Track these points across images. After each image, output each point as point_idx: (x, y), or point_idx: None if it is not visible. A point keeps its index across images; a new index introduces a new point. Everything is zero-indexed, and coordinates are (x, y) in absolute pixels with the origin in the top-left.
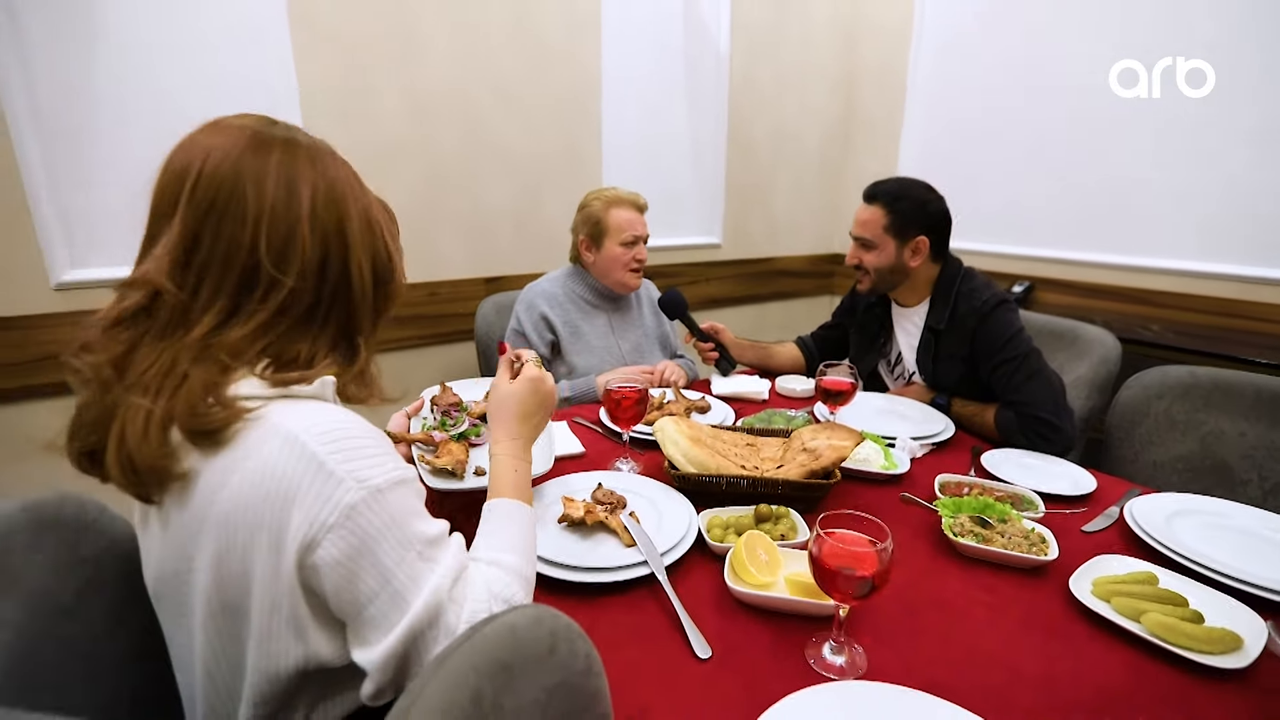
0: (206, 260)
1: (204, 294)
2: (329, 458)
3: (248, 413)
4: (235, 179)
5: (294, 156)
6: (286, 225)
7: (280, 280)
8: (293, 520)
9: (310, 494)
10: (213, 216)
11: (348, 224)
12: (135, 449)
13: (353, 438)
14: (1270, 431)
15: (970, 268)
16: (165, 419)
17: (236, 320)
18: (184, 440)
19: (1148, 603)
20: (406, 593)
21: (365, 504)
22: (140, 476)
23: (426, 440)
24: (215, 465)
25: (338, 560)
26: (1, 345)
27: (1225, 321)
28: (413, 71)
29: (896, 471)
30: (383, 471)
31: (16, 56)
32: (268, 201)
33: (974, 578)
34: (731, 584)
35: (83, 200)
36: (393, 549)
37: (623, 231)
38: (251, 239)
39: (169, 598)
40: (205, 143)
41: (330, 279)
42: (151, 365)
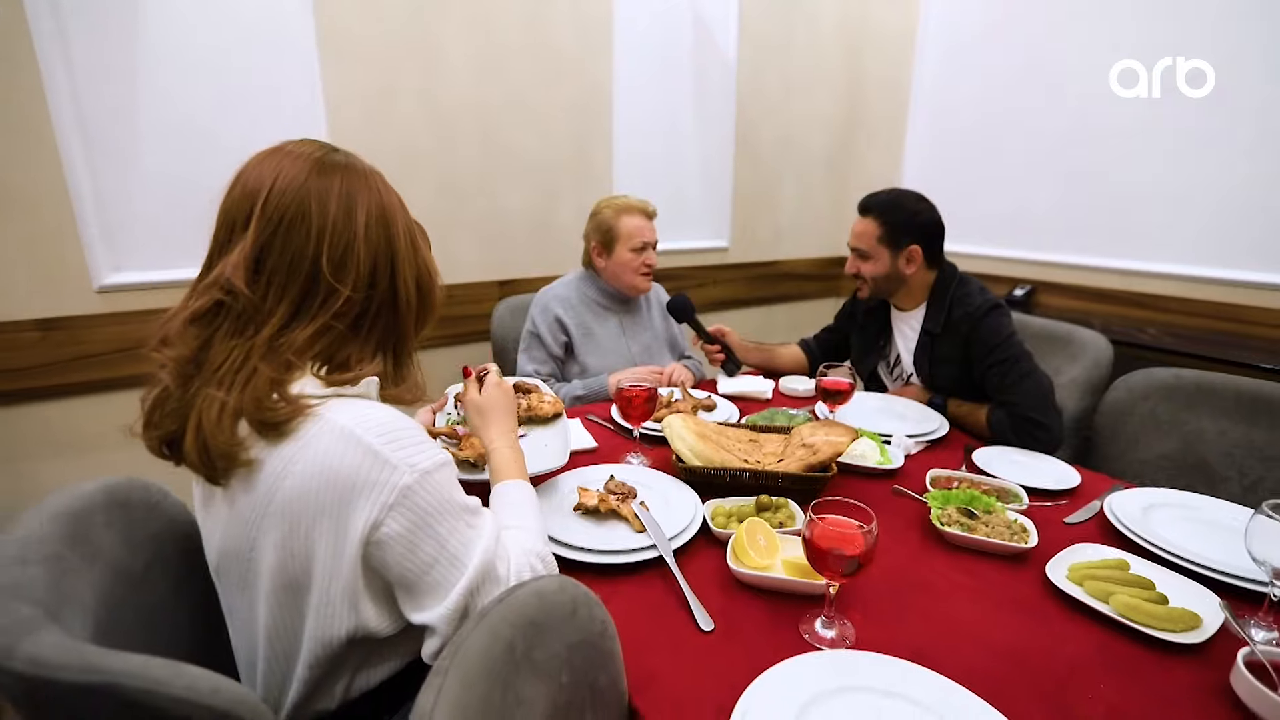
0: (275, 267)
1: (271, 298)
2: (383, 448)
3: (308, 408)
4: (302, 198)
5: (352, 180)
6: (345, 240)
7: (338, 289)
8: (356, 505)
9: (370, 480)
10: (281, 229)
11: (396, 242)
12: (210, 436)
13: (399, 429)
14: (1249, 431)
15: (965, 273)
16: (236, 411)
17: (299, 323)
18: (251, 431)
19: (1117, 586)
20: (461, 555)
21: (418, 484)
22: (213, 461)
23: (451, 434)
24: (279, 454)
25: (399, 534)
26: (48, 345)
27: (1222, 325)
28: (432, 82)
29: (891, 467)
30: (428, 456)
31: (66, 79)
32: (329, 219)
33: (958, 563)
34: (733, 565)
35: (123, 209)
36: (444, 519)
37: (633, 238)
38: (315, 251)
39: (232, 572)
40: (275, 165)
41: (380, 289)
42: (225, 360)
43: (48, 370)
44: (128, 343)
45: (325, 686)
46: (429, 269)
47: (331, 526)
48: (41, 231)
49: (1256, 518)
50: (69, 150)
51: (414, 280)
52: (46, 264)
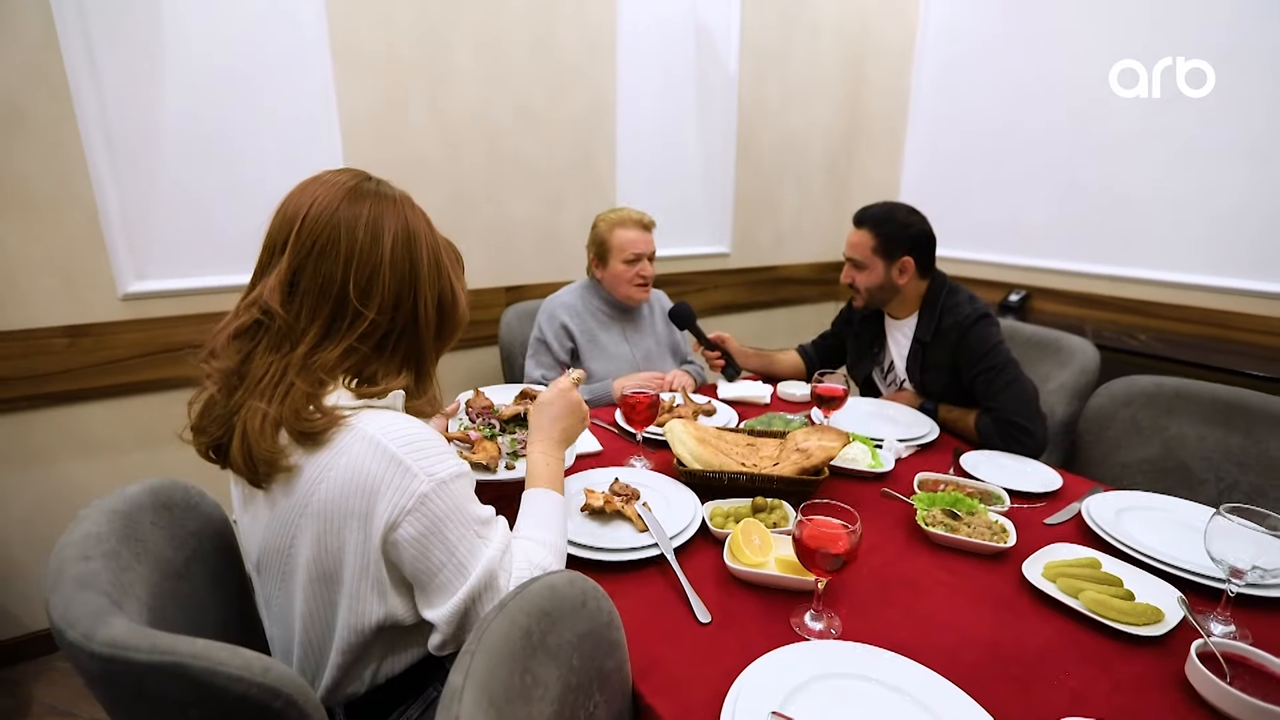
0: (307, 289)
1: (304, 318)
2: (405, 456)
3: (341, 419)
4: (333, 225)
5: (381, 206)
6: (371, 266)
7: (363, 313)
8: (378, 507)
9: (391, 486)
10: (314, 255)
11: (419, 267)
12: (254, 444)
13: (422, 440)
14: (1226, 436)
15: (955, 283)
16: (276, 421)
17: (329, 342)
18: (290, 440)
19: (1087, 583)
20: (468, 563)
21: (435, 492)
22: (256, 467)
23: (463, 439)
24: (315, 461)
25: (413, 538)
26: (76, 351)
27: (1210, 331)
28: (441, 93)
29: (881, 470)
30: (446, 466)
31: (94, 94)
32: (357, 245)
33: (941, 561)
34: (729, 563)
35: (147, 219)
36: (456, 528)
37: (625, 250)
38: (343, 276)
39: (273, 567)
40: (312, 193)
41: (403, 311)
42: (265, 374)
43: (75, 375)
44: (151, 348)
45: (355, 672)
46: (452, 289)
47: (359, 526)
48: (69, 241)
49: (1215, 519)
50: (96, 163)
51: (434, 302)
52: (74, 273)
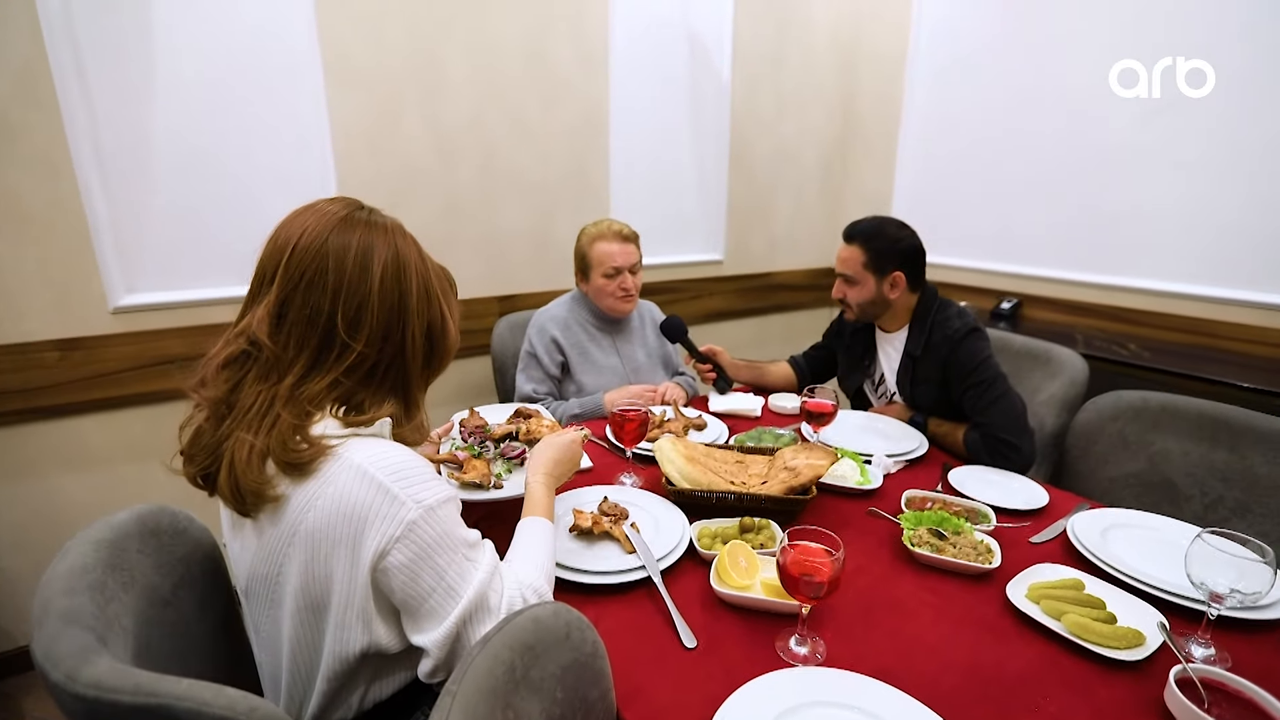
0: (295, 320)
1: (292, 349)
2: (393, 485)
3: (328, 449)
4: (321, 256)
5: (371, 236)
6: (359, 298)
7: (351, 345)
8: (367, 535)
9: (380, 514)
10: (302, 286)
11: (408, 298)
12: (241, 475)
13: (409, 467)
14: (1211, 452)
15: (945, 297)
16: (263, 452)
17: (316, 373)
18: (278, 470)
19: (1070, 605)
20: (457, 587)
21: (423, 519)
22: (244, 496)
23: (452, 459)
24: (302, 490)
25: (403, 565)
26: (67, 365)
27: (1198, 340)
28: (435, 105)
29: (870, 487)
30: (433, 493)
31: (84, 109)
32: (346, 276)
33: (926, 582)
34: (716, 586)
35: (137, 232)
36: (445, 553)
37: (604, 264)
38: (331, 308)
39: (260, 594)
40: (302, 222)
41: (390, 345)
42: (253, 404)
43: (66, 388)
44: (142, 361)
45: (342, 697)
46: (442, 317)
47: (347, 555)
48: (60, 255)
49: (1195, 543)
50: (86, 177)
51: (423, 332)
52: (65, 286)
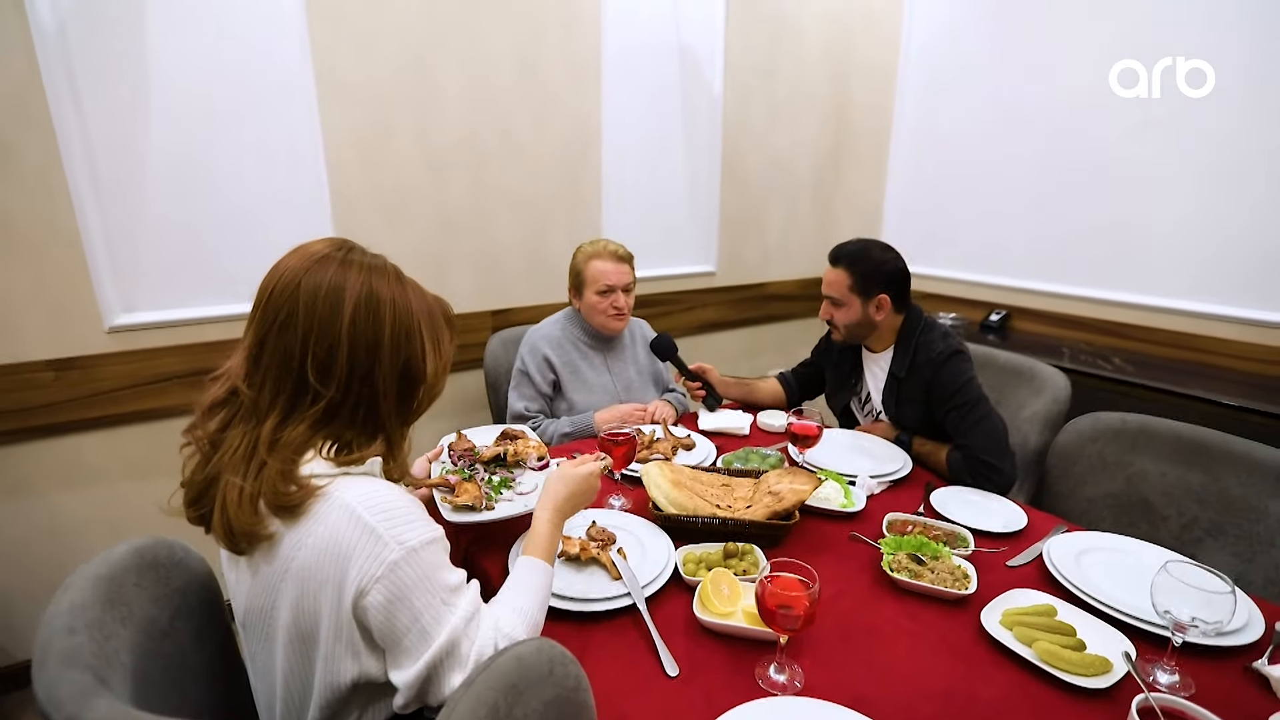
0: (269, 365)
1: (267, 394)
2: (378, 524)
3: (317, 490)
4: (294, 297)
5: (343, 275)
6: (329, 341)
7: (322, 392)
8: (350, 573)
9: (362, 553)
10: (275, 330)
11: (380, 337)
12: (234, 517)
13: (395, 507)
14: (1187, 474)
15: (930, 318)
16: (254, 495)
17: (293, 419)
18: (269, 512)
19: (1041, 632)
20: (431, 630)
21: (404, 560)
22: (237, 538)
23: (443, 484)
24: (294, 530)
25: (380, 604)
26: (62, 384)
27: (1182, 354)
28: (427, 120)
29: (853, 509)
30: (418, 533)
31: (78, 128)
32: (315, 319)
33: (904, 607)
34: (699, 613)
35: (132, 251)
36: (422, 595)
37: (597, 282)
38: (301, 351)
39: (255, 627)
40: (284, 264)
41: (365, 387)
42: (239, 446)
43: (62, 408)
44: (139, 379)
45: None
46: (420, 357)
47: (334, 591)
48: (54, 275)
49: (1160, 574)
50: (80, 197)
51: (397, 373)
52: (60, 306)
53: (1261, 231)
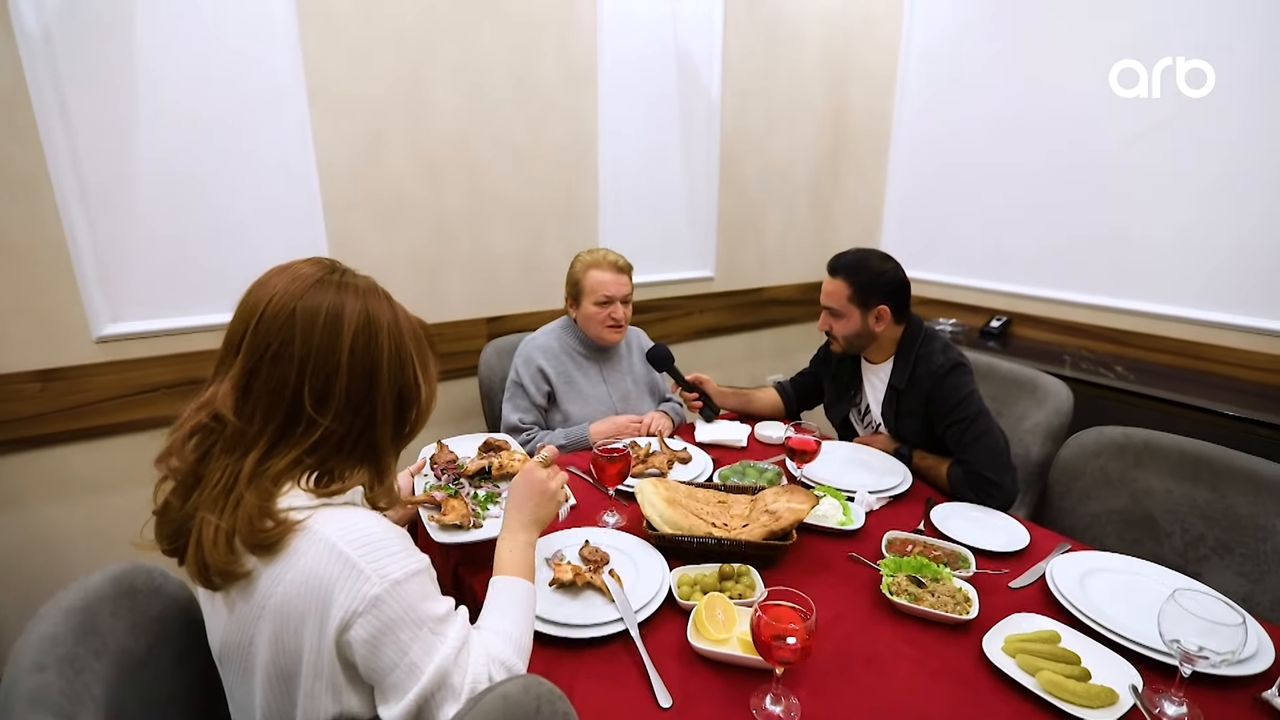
0: (260, 393)
1: (256, 424)
2: (359, 558)
3: (296, 524)
4: (289, 324)
5: (341, 300)
6: (327, 370)
7: (318, 421)
8: (331, 609)
9: (344, 589)
10: (268, 358)
11: (379, 364)
12: (208, 555)
13: (377, 539)
14: (1192, 490)
15: (930, 329)
16: (230, 533)
17: (280, 450)
18: (245, 550)
19: (1045, 660)
20: (420, 663)
21: (387, 594)
22: (212, 576)
23: (429, 500)
24: (272, 566)
25: (365, 639)
26: (48, 395)
27: (1184, 362)
28: (420, 128)
29: (852, 527)
30: (401, 566)
31: (65, 135)
32: (313, 347)
33: (904, 632)
34: (693, 640)
35: (121, 260)
36: (408, 628)
37: (596, 292)
38: (297, 381)
39: (233, 662)
40: (272, 287)
41: (360, 416)
42: (218, 480)
43: (49, 419)
44: (126, 390)
45: None
46: (415, 382)
47: (315, 628)
48: (40, 284)
49: (1168, 603)
50: (67, 204)
51: (394, 398)
52: (46, 316)
53: (1268, 238)
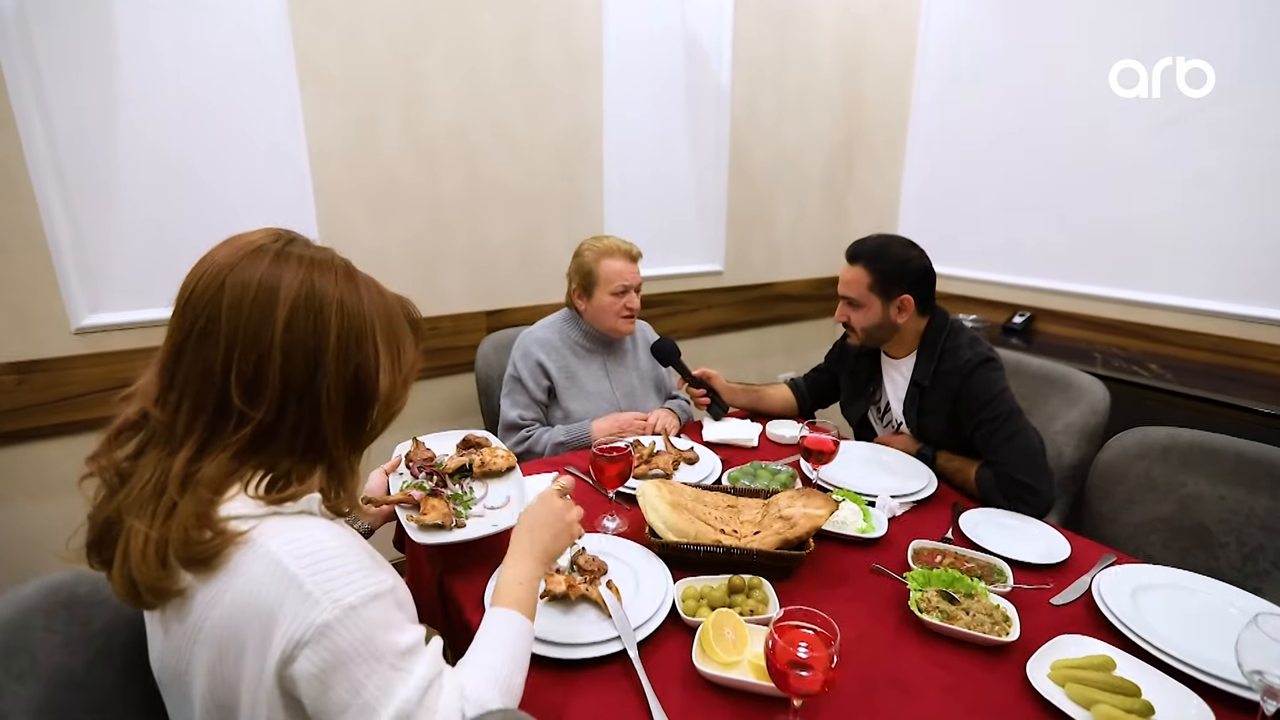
0: (185, 382)
1: (183, 420)
2: (307, 579)
3: (238, 536)
4: (217, 299)
5: (278, 271)
6: (258, 351)
7: (249, 414)
8: (273, 637)
9: (288, 614)
10: (193, 339)
11: (324, 345)
12: (136, 571)
13: (331, 555)
14: (1249, 496)
15: (957, 322)
16: (161, 545)
17: (212, 450)
18: (179, 564)
19: (1100, 691)
20: (376, 704)
21: (338, 621)
22: (141, 595)
23: (407, 500)
24: (209, 584)
25: (312, 674)
26: (26, 388)
27: (1224, 360)
28: (415, 115)
29: (874, 535)
30: (357, 588)
31: (43, 123)
32: (241, 323)
33: (935, 654)
34: (698, 664)
35: (101, 249)
36: (364, 662)
37: (612, 282)
38: (224, 365)
39: (172, 688)
40: (211, 257)
41: (303, 406)
42: (150, 479)
43: (27, 413)
44: (108, 383)
45: None
46: (374, 367)
47: (254, 660)
48: (17, 274)
49: (1249, 630)
50: (44, 190)
51: (344, 388)
52: (22, 307)
53: None
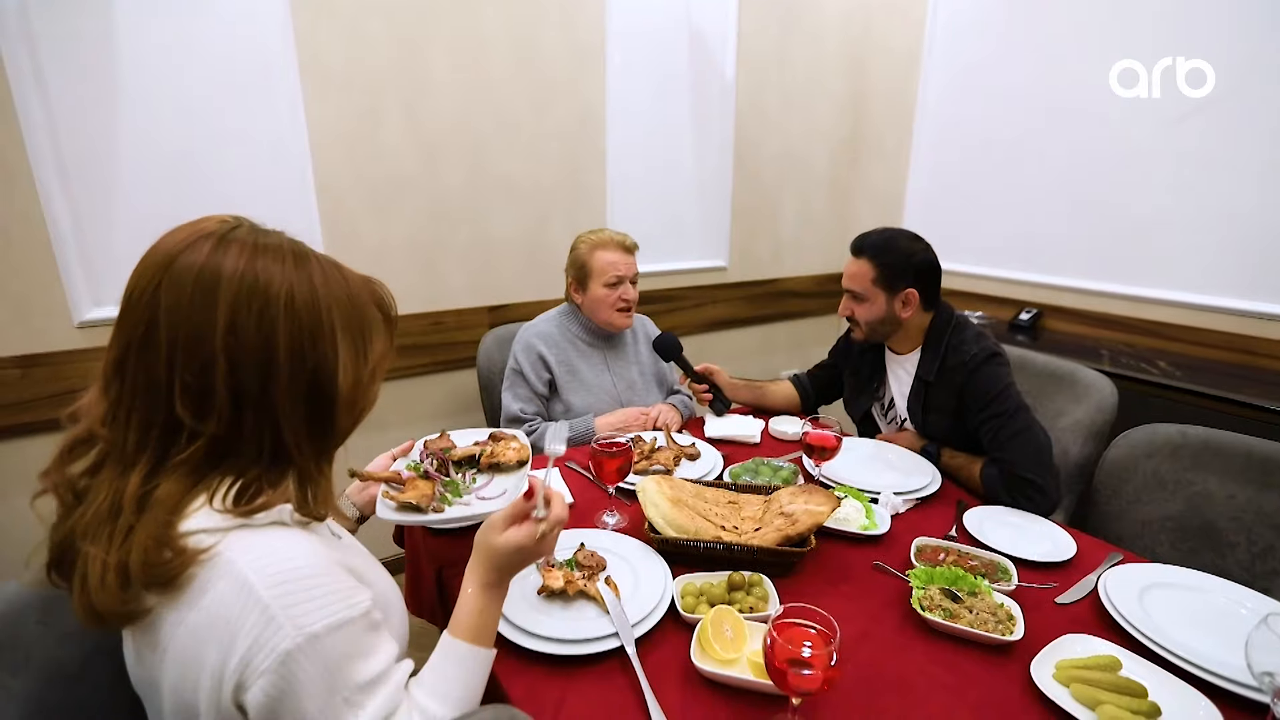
0: (132, 395)
1: (133, 436)
2: (274, 601)
3: (201, 553)
4: (154, 301)
5: (218, 262)
6: (199, 363)
7: (199, 430)
8: (231, 660)
9: (249, 638)
10: (135, 346)
11: (274, 344)
12: (96, 597)
13: (302, 578)
14: (1260, 495)
15: (962, 317)
16: (120, 568)
17: (167, 467)
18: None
19: (1106, 692)
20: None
21: (300, 650)
22: (104, 621)
23: (394, 478)
24: (175, 605)
25: (262, 704)
26: (29, 382)
27: (1233, 357)
28: (418, 106)
29: (876, 532)
30: (325, 615)
31: (45, 116)
32: (181, 327)
33: (938, 654)
34: (697, 661)
35: (103, 242)
36: (318, 695)
37: (606, 273)
38: (168, 374)
39: (149, 699)
40: (150, 252)
41: (259, 416)
42: (103, 501)
43: (30, 406)
44: None
45: None
46: (333, 362)
47: (211, 683)
48: (19, 268)
49: (1259, 630)
50: (45, 183)
51: (301, 389)
52: (25, 301)
53: None
